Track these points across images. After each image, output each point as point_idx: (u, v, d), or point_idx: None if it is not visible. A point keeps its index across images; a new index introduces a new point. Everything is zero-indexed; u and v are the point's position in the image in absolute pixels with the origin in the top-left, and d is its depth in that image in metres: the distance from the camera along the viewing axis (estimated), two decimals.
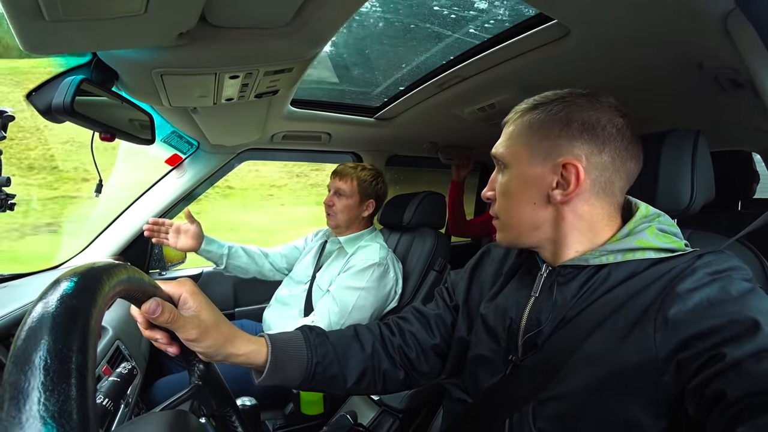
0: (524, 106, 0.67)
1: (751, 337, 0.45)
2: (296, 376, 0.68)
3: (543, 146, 0.62)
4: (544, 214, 0.63)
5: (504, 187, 0.67)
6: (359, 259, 1.49)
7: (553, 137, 0.62)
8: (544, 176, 0.62)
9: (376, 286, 1.47)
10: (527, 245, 0.67)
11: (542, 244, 0.66)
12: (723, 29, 0.69)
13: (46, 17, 0.59)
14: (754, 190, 1.87)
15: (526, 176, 0.64)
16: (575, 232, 0.63)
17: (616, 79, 1.02)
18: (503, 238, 0.69)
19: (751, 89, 0.72)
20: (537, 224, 0.64)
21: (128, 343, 1.15)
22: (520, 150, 0.65)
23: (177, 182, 1.71)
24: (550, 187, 0.62)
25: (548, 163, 0.62)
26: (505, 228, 0.68)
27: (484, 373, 0.69)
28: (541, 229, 0.64)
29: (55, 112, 0.82)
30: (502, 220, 0.68)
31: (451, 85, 1.30)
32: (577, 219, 0.62)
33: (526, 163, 0.64)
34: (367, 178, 1.58)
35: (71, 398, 0.26)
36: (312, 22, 0.81)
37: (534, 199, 0.63)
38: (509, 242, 0.69)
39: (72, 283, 0.32)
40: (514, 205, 0.65)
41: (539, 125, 0.63)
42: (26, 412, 0.25)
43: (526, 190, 0.64)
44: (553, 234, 0.64)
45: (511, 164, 0.66)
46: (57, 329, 0.28)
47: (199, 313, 0.57)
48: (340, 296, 1.41)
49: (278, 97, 1.21)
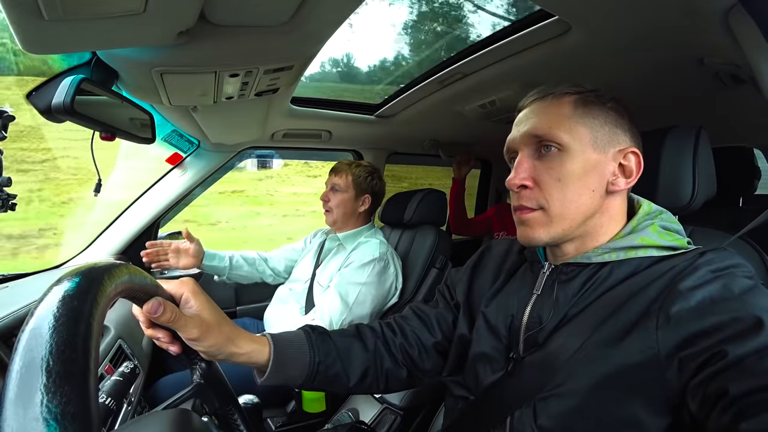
0: (563, 87, 0.63)
1: (753, 334, 0.45)
2: (298, 375, 0.68)
3: (604, 131, 0.61)
4: (597, 203, 0.61)
5: (560, 171, 0.60)
6: (359, 255, 1.50)
7: (611, 124, 0.61)
8: (605, 163, 0.60)
9: (377, 282, 1.48)
10: (566, 240, 0.63)
11: (579, 236, 0.62)
12: (725, 25, 0.69)
13: (45, 17, 0.59)
14: (756, 186, 1.86)
15: (591, 160, 0.60)
16: (607, 224, 0.62)
17: (617, 75, 1.02)
18: (546, 233, 0.61)
19: (753, 85, 0.72)
20: (590, 214, 0.61)
21: (130, 342, 1.15)
22: (581, 131, 0.60)
23: (178, 181, 1.71)
24: (612, 174, 0.61)
25: (609, 150, 0.60)
26: (554, 220, 0.60)
27: (486, 370, 0.69)
28: (589, 221, 0.61)
29: (55, 111, 0.82)
30: (551, 210, 0.60)
31: (452, 82, 1.29)
32: (616, 210, 0.62)
33: (589, 146, 0.60)
34: (361, 174, 1.60)
35: (74, 400, 0.26)
36: (312, 20, 0.81)
37: (594, 186, 0.60)
38: (554, 237, 0.61)
39: (74, 283, 0.32)
40: (574, 192, 0.60)
41: (598, 109, 0.61)
42: (29, 414, 0.25)
43: (589, 176, 0.60)
44: (593, 226, 0.62)
45: (571, 146, 0.59)
46: (59, 330, 0.28)
47: (201, 312, 0.57)
48: (341, 292, 1.42)
49: (278, 95, 1.20)
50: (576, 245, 0.63)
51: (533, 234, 0.62)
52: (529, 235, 0.62)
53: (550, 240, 0.62)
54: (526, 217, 0.62)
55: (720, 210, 1.52)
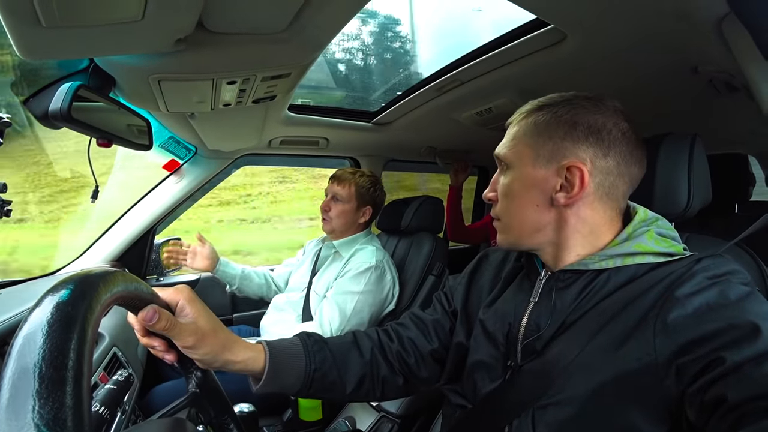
0: (529, 107, 0.66)
1: (750, 341, 0.45)
2: (294, 383, 0.68)
3: (547, 148, 0.62)
4: (547, 216, 0.63)
5: (506, 188, 0.66)
6: (356, 263, 1.49)
7: (558, 139, 0.61)
8: (547, 178, 0.62)
9: (374, 290, 1.47)
10: (528, 248, 0.67)
11: (543, 247, 0.65)
12: (718, 33, 0.70)
13: (43, 23, 0.59)
14: (751, 193, 1.87)
15: (530, 178, 0.63)
16: (577, 236, 0.62)
17: (612, 83, 1.03)
18: (504, 240, 0.69)
19: (746, 93, 0.73)
20: (539, 227, 0.64)
21: (125, 350, 1.14)
22: (523, 151, 0.64)
23: (174, 188, 1.71)
24: (553, 189, 0.61)
25: (552, 166, 0.62)
26: (506, 230, 0.67)
27: (483, 378, 0.69)
28: (543, 232, 0.64)
29: (52, 118, 0.82)
30: (503, 221, 0.67)
31: (448, 89, 1.30)
32: (580, 223, 0.62)
33: (529, 165, 0.63)
34: (365, 185, 1.58)
35: (66, 406, 0.26)
36: (309, 28, 0.81)
37: (537, 201, 0.63)
38: (510, 244, 0.68)
39: (68, 290, 0.32)
40: (516, 206, 0.65)
41: (544, 126, 0.63)
42: (21, 420, 0.24)
43: (529, 192, 0.63)
44: (555, 237, 0.64)
45: (514, 165, 0.65)
46: (52, 336, 0.28)
47: (197, 320, 0.56)
48: (338, 301, 1.41)
49: (276, 102, 1.21)
50: (550, 254, 0.65)
51: (498, 239, 0.70)
52: (497, 239, 0.71)
53: (508, 246, 0.69)
54: (494, 225, 0.71)
55: (715, 217, 1.53)
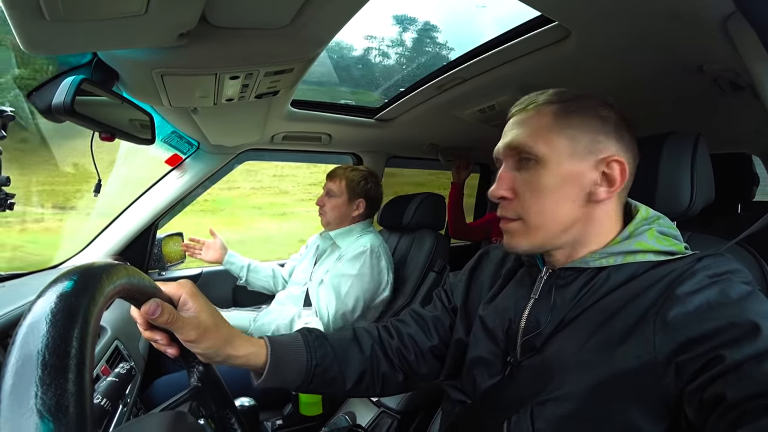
0: (547, 96, 0.62)
1: (751, 339, 0.45)
2: (295, 377, 0.68)
3: (584, 140, 0.60)
4: (579, 213, 0.61)
5: (536, 183, 0.60)
6: (351, 248, 1.56)
7: (593, 132, 0.60)
8: (585, 172, 0.60)
9: (369, 273, 1.52)
10: (549, 249, 0.63)
11: (563, 246, 0.63)
12: (723, 32, 0.69)
13: (47, 17, 0.59)
14: (754, 193, 1.87)
15: (568, 171, 0.60)
16: (597, 232, 0.62)
17: (616, 82, 1.02)
18: (526, 243, 0.63)
19: (751, 92, 0.73)
20: (570, 224, 0.61)
21: (127, 343, 1.14)
22: (559, 142, 0.60)
23: (177, 182, 1.71)
24: (593, 183, 0.60)
25: (590, 159, 0.60)
26: (531, 231, 0.62)
27: (483, 374, 0.69)
28: (570, 231, 0.61)
29: (55, 111, 0.82)
30: (529, 221, 0.61)
31: (451, 86, 1.30)
32: (605, 218, 0.62)
33: (567, 157, 0.60)
34: (355, 178, 1.64)
35: (68, 393, 0.26)
36: (312, 23, 0.81)
37: (573, 197, 0.60)
38: (533, 246, 0.63)
39: (71, 281, 0.32)
40: (550, 203, 0.60)
41: (579, 118, 0.60)
42: (23, 406, 0.25)
43: (566, 187, 0.60)
44: (578, 235, 0.62)
45: (547, 158, 0.60)
46: (55, 325, 0.28)
47: (199, 314, 0.57)
48: (334, 284, 1.47)
49: (278, 97, 1.20)
50: (565, 252, 0.64)
51: (514, 243, 0.64)
52: (511, 244, 0.65)
53: (531, 249, 0.63)
54: (507, 227, 0.64)
55: (718, 216, 1.53)
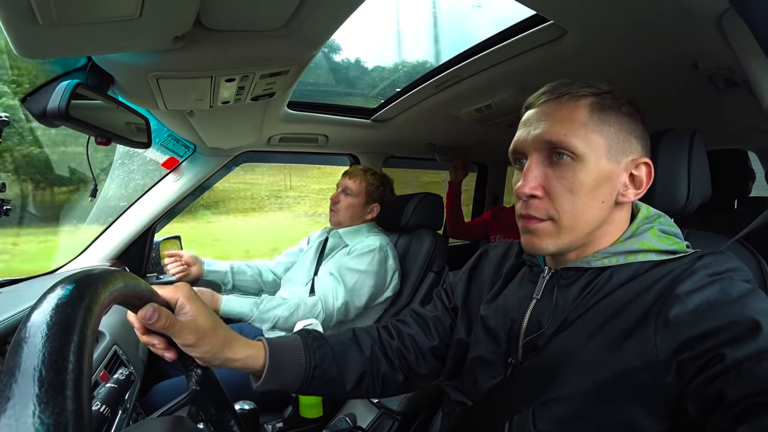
0: (579, 87, 0.59)
1: (751, 337, 0.45)
2: (294, 380, 0.68)
3: (618, 140, 0.58)
4: (605, 214, 0.59)
5: (573, 182, 0.57)
6: (360, 246, 1.57)
7: (626, 132, 0.59)
8: (618, 174, 0.59)
9: (376, 271, 1.53)
10: (573, 249, 0.61)
11: (583, 244, 0.61)
12: (718, 29, 0.69)
13: (40, 21, 0.58)
14: (750, 189, 1.87)
15: (604, 171, 0.57)
16: (610, 233, 0.61)
17: (612, 79, 1.01)
18: (554, 244, 0.59)
19: (746, 88, 0.73)
20: (598, 225, 0.59)
21: (126, 349, 1.14)
22: (596, 140, 0.57)
23: (174, 185, 1.70)
24: (624, 185, 0.59)
25: (623, 160, 0.59)
26: (563, 231, 0.58)
27: (484, 374, 0.69)
28: (596, 231, 0.60)
29: (50, 116, 0.82)
30: (562, 221, 0.58)
31: (448, 86, 1.30)
32: (620, 220, 0.61)
33: (604, 156, 0.57)
34: (374, 182, 1.66)
35: (67, 410, 0.26)
36: (308, 25, 0.81)
37: (605, 198, 0.58)
38: (559, 249, 0.60)
39: (67, 291, 0.32)
40: (584, 203, 0.57)
41: (615, 116, 0.58)
42: (21, 425, 0.24)
43: (601, 187, 0.58)
44: (597, 235, 0.61)
45: (586, 156, 0.57)
46: (52, 339, 0.28)
47: (197, 317, 0.56)
48: (341, 276, 1.48)
49: (275, 99, 1.20)
50: (577, 252, 0.63)
51: (540, 244, 0.60)
52: (536, 245, 0.60)
53: (557, 250, 0.60)
54: (534, 227, 0.60)
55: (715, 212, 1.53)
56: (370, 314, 1.62)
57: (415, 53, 2.06)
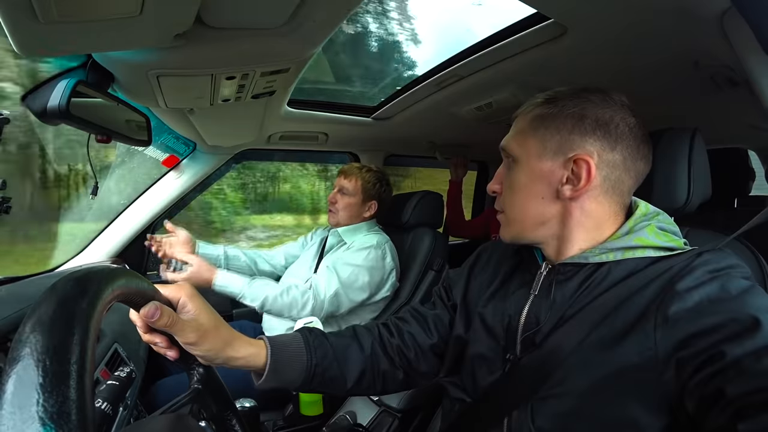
0: (537, 100, 0.66)
1: (751, 334, 0.45)
2: (296, 377, 0.68)
3: (555, 140, 0.62)
4: (552, 209, 0.63)
5: (512, 181, 0.66)
6: (358, 243, 1.57)
7: (566, 132, 0.61)
8: (554, 171, 0.62)
9: (372, 267, 1.52)
10: (530, 241, 0.67)
11: (546, 240, 0.65)
12: (719, 28, 0.69)
13: (40, 19, 0.58)
14: (751, 187, 1.87)
15: (536, 170, 0.63)
16: (581, 229, 0.63)
17: (612, 78, 1.02)
18: (507, 234, 0.69)
19: (747, 87, 0.73)
20: (543, 220, 0.64)
21: (127, 347, 1.14)
22: (530, 143, 0.64)
23: (174, 183, 1.71)
24: (560, 182, 0.61)
25: (559, 158, 0.62)
26: (510, 223, 0.67)
27: (483, 371, 0.69)
28: (547, 225, 0.64)
29: (50, 114, 0.82)
30: (507, 214, 0.68)
31: (448, 84, 1.30)
32: (585, 216, 0.62)
33: (535, 157, 0.63)
34: (371, 180, 1.64)
35: (70, 399, 0.26)
36: (308, 23, 0.81)
37: (542, 194, 0.63)
38: (512, 237, 0.68)
39: (70, 287, 0.32)
40: (522, 199, 0.65)
41: (552, 119, 0.63)
42: (25, 413, 0.25)
43: (535, 184, 0.63)
44: (558, 230, 0.64)
45: (520, 158, 0.65)
46: (55, 331, 0.28)
47: (198, 316, 0.57)
48: (335, 268, 1.47)
49: (275, 97, 1.20)
50: (552, 247, 0.65)
51: (501, 232, 0.70)
52: (500, 233, 0.71)
53: (511, 239, 0.69)
54: (498, 217, 0.71)
55: (715, 211, 1.53)
56: (366, 312, 1.61)
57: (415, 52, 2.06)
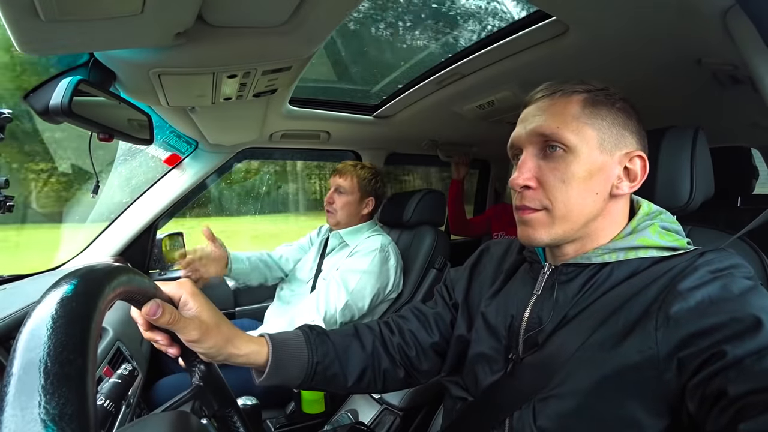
0: (572, 84, 0.61)
1: (752, 334, 0.45)
2: (297, 375, 0.68)
3: (612, 133, 0.59)
4: (600, 206, 0.60)
5: (565, 173, 0.58)
6: (361, 247, 1.54)
7: (619, 126, 0.60)
8: (611, 166, 0.60)
9: (377, 271, 1.50)
10: (568, 241, 0.62)
11: (580, 238, 0.62)
12: (722, 25, 0.69)
13: (42, 17, 0.58)
14: (754, 186, 1.87)
15: (597, 163, 0.59)
16: (608, 227, 0.62)
17: (615, 76, 1.02)
18: (548, 234, 0.60)
19: (750, 85, 0.72)
20: (592, 217, 0.60)
21: (129, 345, 1.14)
22: (588, 133, 0.59)
23: (176, 182, 1.71)
24: (617, 177, 0.60)
25: (616, 153, 0.60)
26: (557, 221, 0.60)
27: (485, 370, 0.69)
28: (591, 224, 0.61)
29: (52, 113, 0.82)
30: (555, 211, 0.59)
31: (450, 82, 1.29)
32: (617, 213, 0.62)
33: (596, 148, 0.59)
34: (366, 176, 1.62)
35: (72, 401, 0.26)
36: (309, 21, 0.81)
37: (598, 189, 0.59)
38: (553, 239, 0.61)
39: (72, 285, 0.32)
40: (578, 194, 0.59)
41: (607, 111, 0.60)
42: (27, 416, 0.25)
43: (594, 178, 0.59)
44: (594, 228, 0.61)
45: (578, 148, 0.58)
46: (57, 332, 0.28)
47: (200, 313, 0.57)
48: (343, 279, 1.45)
49: (276, 95, 1.20)
50: (576, 247, 0.63)
51: (534, 234, 0.61)
52: (531, 236, 0.61)
53: (551, 241, 0.61)
54: (528, 218, 0.61)
55: (718, 209, 1.53)
56: (374, 314, 1.60)
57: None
